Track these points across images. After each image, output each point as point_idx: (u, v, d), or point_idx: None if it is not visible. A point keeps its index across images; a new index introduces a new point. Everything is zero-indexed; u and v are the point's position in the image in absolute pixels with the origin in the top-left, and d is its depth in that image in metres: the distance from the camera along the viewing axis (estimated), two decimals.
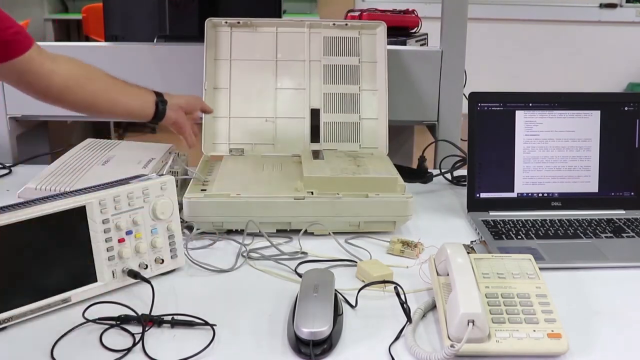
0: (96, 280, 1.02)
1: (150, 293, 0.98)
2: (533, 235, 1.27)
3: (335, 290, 1.00)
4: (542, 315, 0.92)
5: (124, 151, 1.52)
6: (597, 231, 1.29)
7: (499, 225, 1.31)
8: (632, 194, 1.41)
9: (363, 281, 1.09)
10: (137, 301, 1.01)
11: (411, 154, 2.09)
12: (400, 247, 1.21)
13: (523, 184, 1.40)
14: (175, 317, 0.96)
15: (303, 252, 1.20)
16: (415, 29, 2.13)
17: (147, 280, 1.02)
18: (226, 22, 1.62)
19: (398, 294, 0.97)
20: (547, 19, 5.56)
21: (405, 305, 0.96)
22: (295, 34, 1.64)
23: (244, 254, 1.19)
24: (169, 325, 0.95)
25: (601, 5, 5.61)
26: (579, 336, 0.93)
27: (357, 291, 1.03)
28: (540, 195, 1.40)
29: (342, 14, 2.19)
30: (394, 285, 0.98)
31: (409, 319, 0.94)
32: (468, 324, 0.86)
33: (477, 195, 1.39)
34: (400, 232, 1.31)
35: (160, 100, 1.35)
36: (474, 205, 1.39)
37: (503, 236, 1.27)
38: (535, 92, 1.41)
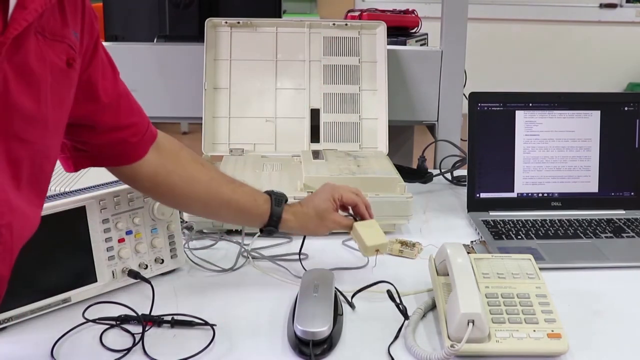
0: (96, 280, 1.02)
1: (150, 293, 0.98)
2: (533, 235, 1.27)
3: (335, 290, 1.00)
4: (542, 315, 0.92)
5: None
6: (597, 231, 1.29)
7: (499, 225, 1.31)
8: (632, 194, 1.41)
9: (355, 244, 1.08)
10: (137, 301, 1.01)
11: (411, 154, 2.09)
12: (398, 247, 1.21)
13: (523, 184, 1.40)
14: (175, 317, 0.96)
15: (303, 253, 1.20)
16: (415, 29, 2.12)
17: (147, 280, 1.02)
18: (226, 22, 1.62)
19: (391, 297, 0.97)
20: (547, 19, 5.56)
21: (400, 305, 0.96)
22: (295, 34, 1.64)
23: (244, 254, 1.19)
24: (169, 325, 0.95)
25: (601, 5, 5.61)
26: (579, 336, 0.93)
27: (352, 294, 1.03)
28: (540, 195, 1.40)
29: (342, 14, 2.19)
30: (386, 288, 0.99)
31: (406, 317, 0.94)
32: (468, 324, 0.86)
33: (477, 195, 1.39)
34: (400, 232, 1.31)
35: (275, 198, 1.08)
36: (474, 205, 1.39)
37: (503, 236, 1.27)
38: (535, 92, 1.41)
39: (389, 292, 0.97)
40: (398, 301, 0.97)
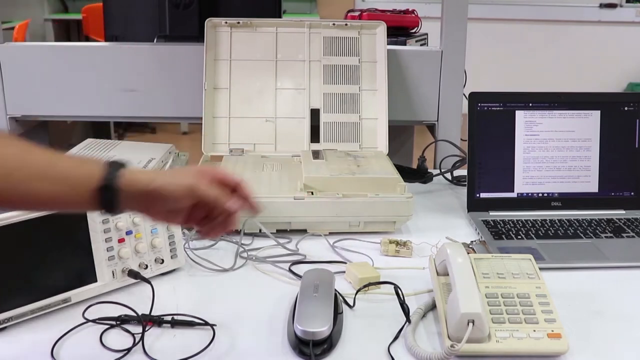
0: (96, 280, 1.02)
1: (150, 293, 0.98)
2: (533, 235, 1.27)
3: (335, 290, 1.00)
4: (542, 315, 0.92)
5: (124, 151, 1.52)
6: (597, 231, 1.29)
7: (499, 225, 1.31)
8: (632, 194, 1.41)
9: (350, 282, 1.09)
10: (137, 301, 1.00)
11: (411, 154, 2.09)
12: (394, 247, 1.21)
13: (523, 184, 1.40)
14: (175, 317, 0.96)
15: (301, 253, 1.20)
16: (415, 29, 2.12)
17: (147, 280, 1.02)
18: (226, 22, 1.62)
19: (397, 294, 0.97)
20: (547, 19, 5.56)
21: (404, 305, 0.96)
22: (295, 34, 1.64)
23: (242, 255, 1.19)
24: (169, 325, 0.95)
25: (601, 5, 5.61)
26: (579, 336, 0.93)
27: (355, 293, 1.03)
28: (540, 195, 1.40)
29: (342, 14, 2.19)
30: (393, 285, 0.98)
31: (408, 319, 0.94)
32: (468, 324, 0.86)
33: (477, 195, 1.39)
34: (400, 232, 1.31)
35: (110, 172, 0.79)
36: (474, 205, 1.39)
37: (503, 236, 1.27)
38: (535, 92, 1.41)
39: (396, 289, 0.97)
40: (402, 300, 0.96)
